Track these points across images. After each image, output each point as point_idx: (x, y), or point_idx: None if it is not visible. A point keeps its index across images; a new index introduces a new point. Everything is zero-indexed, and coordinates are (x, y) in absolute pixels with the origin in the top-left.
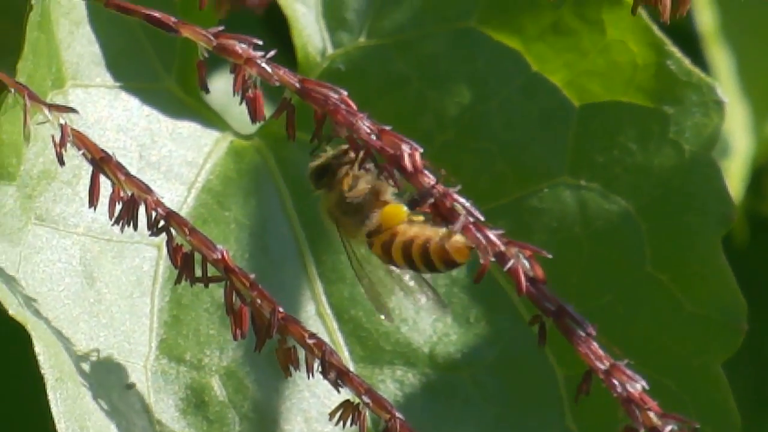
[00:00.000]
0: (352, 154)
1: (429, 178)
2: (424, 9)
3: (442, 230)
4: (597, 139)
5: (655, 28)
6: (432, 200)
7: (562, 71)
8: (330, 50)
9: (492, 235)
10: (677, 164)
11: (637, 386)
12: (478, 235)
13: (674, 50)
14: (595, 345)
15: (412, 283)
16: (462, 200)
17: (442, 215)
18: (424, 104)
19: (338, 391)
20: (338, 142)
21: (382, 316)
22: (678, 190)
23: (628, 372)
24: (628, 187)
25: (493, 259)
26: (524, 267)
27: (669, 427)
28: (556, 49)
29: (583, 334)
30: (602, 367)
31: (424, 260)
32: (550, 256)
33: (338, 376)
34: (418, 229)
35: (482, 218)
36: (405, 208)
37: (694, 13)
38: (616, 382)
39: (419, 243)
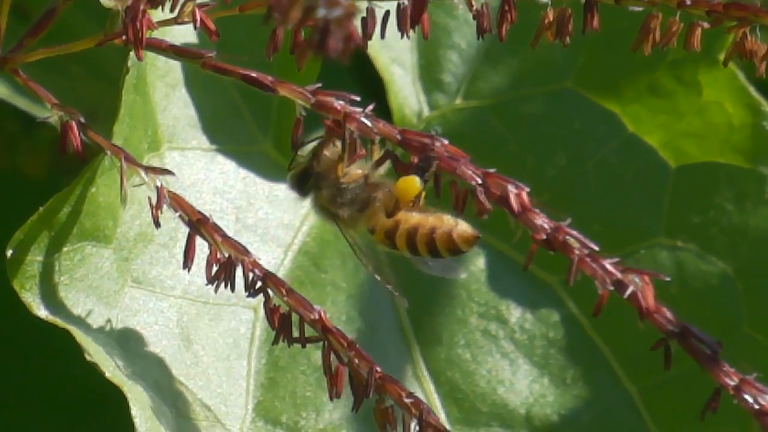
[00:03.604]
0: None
1: (538, 216)
2: (520, 71)
3: (446, 217)
4: (693, 200)
5: (751, 89)
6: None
7: (658, 132)
8: (426, 112)
9: (608, 264)
10: None
11: None
12: (594, 265)
13: None
14: (722, 362)
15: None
16: (574, 233)
17: (555, 249)
18: (521, 166)
19: None
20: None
21: (389, 287)
22: None
23: (758, 385)
24: (724, 248)
25: (611, 288)
26: (643, 293)
27: None
28: (652, 111)
29: (709, 352)
30: (732, 383)
31: (428, 248)
32: (668, 279)
33: None
34: (421, 217)
35: (596, 249)
36: (418, 179)
37: None
38: (747, 396)
39: (424, 232)
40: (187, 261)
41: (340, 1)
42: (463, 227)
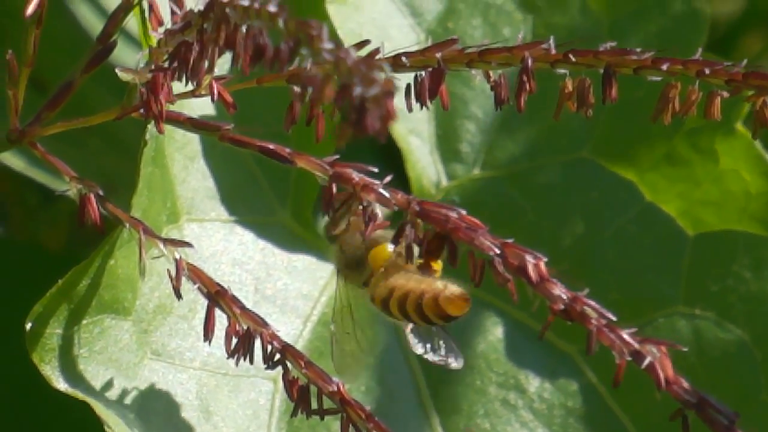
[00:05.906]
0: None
1: (556, 286)
2: (537, 140)
3: (439, 282)
4: (711, 268)
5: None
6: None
7: (675, 201)
8: (444, 182)
9: (626, 334)
10: None
11: None
12: (612, 336)
13: None
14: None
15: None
16: (592, 303)
17: (573, 320)
18: (538, 235)
19: None
20: None
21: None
22: None
23: None
24: (742, 316)
25: (629, 359)
26: (661, 363)
27: None
28: (669, 179)
29: (726, 422)
30: None
31: (419, 315)
32: (685, 349)
33: None
34: (415, 283)
35: (614, 319)
36: (389, 246)
37: None
38: None
39: (413, 298)
40: (207, 333)
41: (377, 78)
42: (451, 290)
